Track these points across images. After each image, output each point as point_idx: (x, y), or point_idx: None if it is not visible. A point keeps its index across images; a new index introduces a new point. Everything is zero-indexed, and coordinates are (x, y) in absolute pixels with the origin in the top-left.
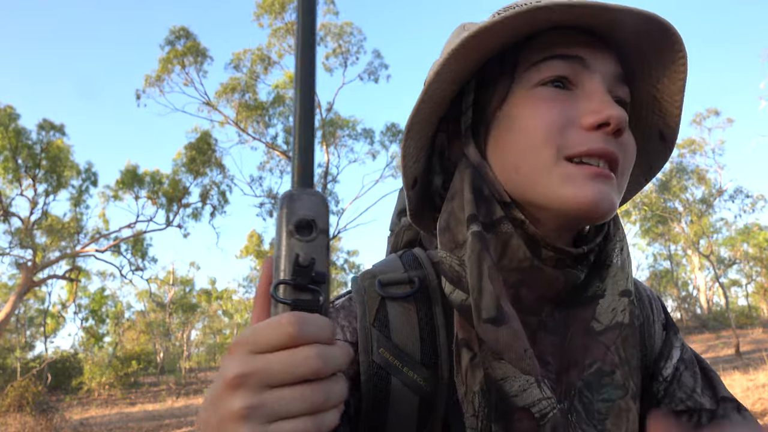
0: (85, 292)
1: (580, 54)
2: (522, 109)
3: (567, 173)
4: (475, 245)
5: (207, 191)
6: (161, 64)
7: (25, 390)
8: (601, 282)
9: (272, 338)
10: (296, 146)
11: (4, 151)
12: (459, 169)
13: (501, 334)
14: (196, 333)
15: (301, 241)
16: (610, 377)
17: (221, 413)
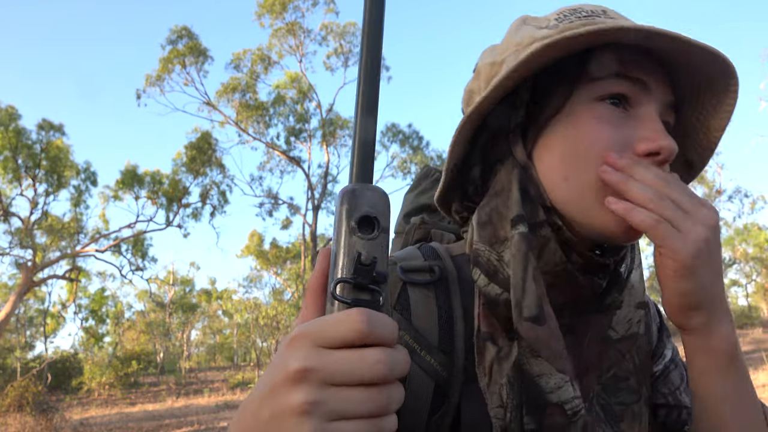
0: (85, 293)
1: (643, 77)
2: (580, 122)
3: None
4: (522, 246)
5: (207, 191)
6: (162, 64)
7: (25, 390)
8: (619, 293)
9: (340, 334)
10: (357, 140)
11: (5, 151)
12: (504, 166)
13: (541, 333)
14: (196, 333)
15: (363, 238)
16: (626, 383)
17: (279, 406)
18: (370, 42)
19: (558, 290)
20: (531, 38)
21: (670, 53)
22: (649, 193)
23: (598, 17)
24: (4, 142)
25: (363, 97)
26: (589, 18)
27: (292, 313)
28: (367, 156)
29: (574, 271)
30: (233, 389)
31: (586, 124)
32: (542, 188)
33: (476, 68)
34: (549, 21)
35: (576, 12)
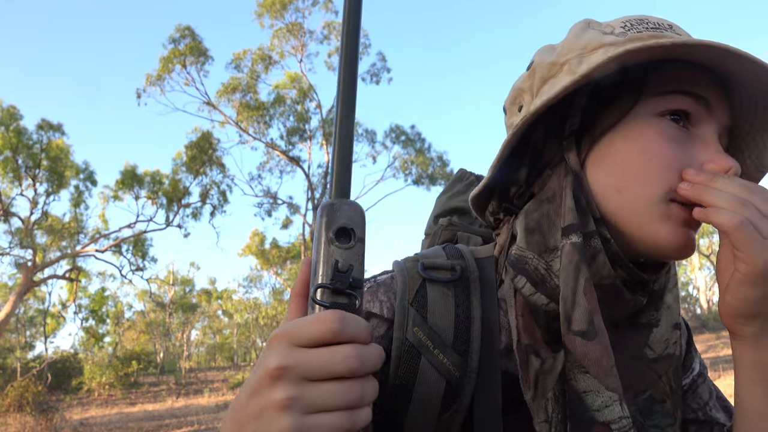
0: (86, 293)
1: (706, 95)
2: (640, 136)
3: (669, 213)
4: (574, 256)
5: (207, 191)
6: (162, 63)
7: (25, 390)
8: (656, 311)
9: (314, 333)
10: (336, 159)
11: (5, 150)
12: (556, 173)
13: (590, 349)
14: (196, 333)
15: (340, 248)
16: (661, 405)
17: (263, 402)
18: (347, 73)
19: (603, 304)
20: (598, 43)
21: (733, 74)
22: (733, 198)
23: (666, 31)
24: (4, 142)
25: (340, 122)
26: (657, 30)
27: None
28: (345, 173)
29: (621, 285)
30: (233, 389)
31: (647, 139)
32: (592, 198)
33: (531, 66)
34: (614, 28)
35: (643, 22)
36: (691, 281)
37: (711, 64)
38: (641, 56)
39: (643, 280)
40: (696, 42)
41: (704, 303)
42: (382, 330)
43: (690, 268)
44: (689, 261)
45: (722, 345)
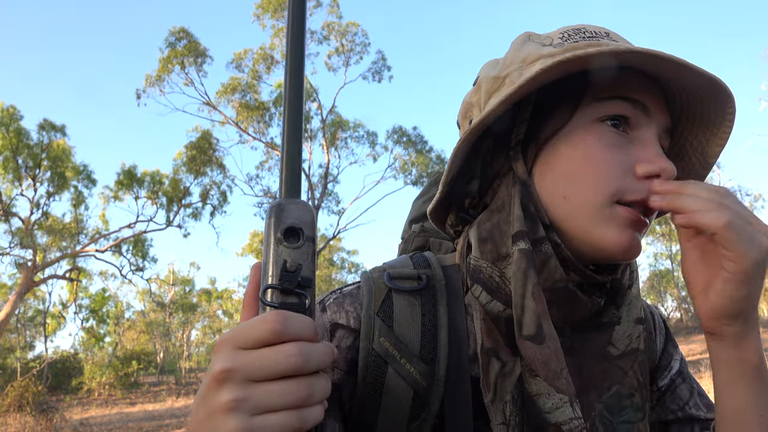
0: (86, 293)
1: (644, 100)
2: (582, 143)
3: (614, 215)
4: (522, 263)
5: (207, 191)
6: (161, 64)
7: (25, 390)
8: (617, 309)
9: (257, 335)
10: (284, 158)
11: (5, 151)
12: (505, 182)
13: (539, 353)
14: (196, 333)
15: (288, 247)
16: (630, 400)
17: (210, 406)
18: (293, 72)
19: (558, 308)
20: (537, 55)
21: (670, 78)
22: (711, 202)
23: (602, 39)
24: (5, 142)
25: (288, 123)
26: (594, 39)
27: None
28: (294, 173)
29: (575, 288)
30: None
31: (588, 146)
32: (541, 205)
33: (477, 81)
34: (553, 39)
35: (579, 32)
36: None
37: (647, 69)
38: (576, 65)
39: (598, 282)
40: (626, 49)
41: None
42: (349, 341)
43: None
44: None
45: None
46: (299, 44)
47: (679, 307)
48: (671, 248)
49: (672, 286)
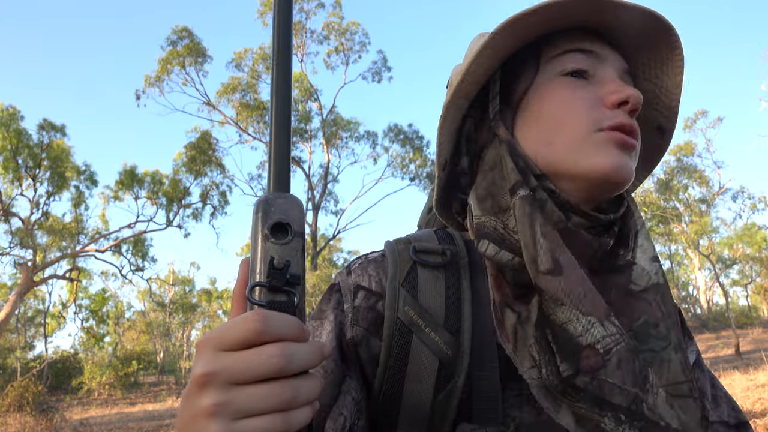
0: (86, 293)
1: (595, 49)
2: (550, 94)
3: (600, 140)
4: (525, 207)
5: (207, 191)
6: (161, 65)
7: (25, 390)
8: (630, 251)
9: (237, 335)
10: (272, 152)
11: (5, 151)
12: (493, 146)
13: (561, 282)
14: (196, 333)
15: (276, 244)
16: (656, 329)
17: (192, 411)
18: (281, 65)
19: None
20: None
21: (614, 26)
22: None
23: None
24: (5, 142)
25: (276, 114)
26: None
27: None
28: (283, 166)
29: (577, 229)
30: None
31: (557, 93)
32: (529, 158)
33: (448, 83)
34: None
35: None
36: (691, 281)
37: (591, 23)
38: (518, 31)
39: (602, 223)
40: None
41: (704, 303)
42: (371, 301)
43: (690, 268)
44: (689, 261)
45: (722, 345)
46: (286, 34)
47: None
48: (671, 248)
49: (672, 286)
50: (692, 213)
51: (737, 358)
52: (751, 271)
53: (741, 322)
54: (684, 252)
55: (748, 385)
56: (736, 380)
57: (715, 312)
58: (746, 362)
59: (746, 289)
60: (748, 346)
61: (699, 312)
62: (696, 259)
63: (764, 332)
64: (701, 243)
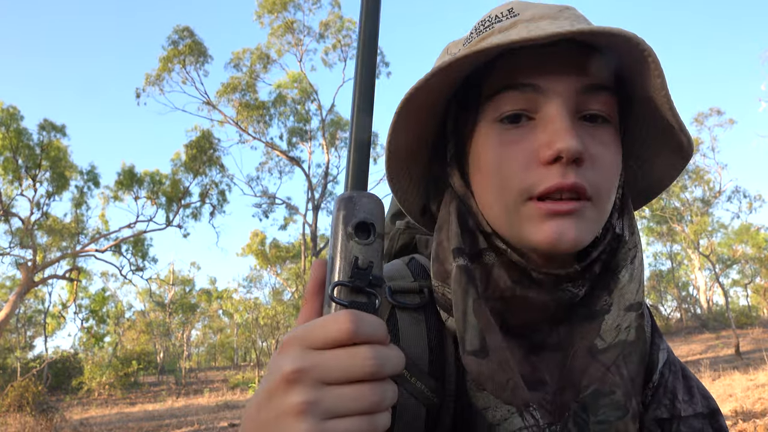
0: (86, 293)
1: (534, 81)
2: (485, 148)
3: (528, 214)
4: (460, 279)
5: (206, 191)
6: (161, 63)
7: (25, 390)
8: (609, 295)
9: (329, 334)
10: (352, 148)
11: (5, 151)
12: (445, 200)
13: (484, 367)
14: (196, 333)
15: (360, 243)
16: (609, 398)
17: (279, 408)
18: (364, 62)
19: (515, 314)
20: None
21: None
22: None
23: (499, 22)
24: (5, 142)
25: (358, 114)
26: (488, 29)
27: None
28: (363, 163)
29: (525, 292)
30: (233, 389)
31: (489, 148)
32: (481, 216)
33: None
34: (460, 45)
35: (481, 25)
36: (691, 281)
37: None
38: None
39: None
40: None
41: (704, 303)
42: None
43: (690, 268)
44: (689, 261)
45: (722, 345)
46: (372, 32)
47: (679, 307)
48: (671, 248)
49: (672, 286)
50: (692, 213)
51: (737, 358)
52: (751, 271)
53: (741, 322)
54: (684, 252)
55: (748, 385)
56: (736, 380)
57: (715, 312)
58: (746, 362)
59: (746, 289)
60: (748, 346)
61: (699, 312)
62: (696, 259)
63: (764, 332)
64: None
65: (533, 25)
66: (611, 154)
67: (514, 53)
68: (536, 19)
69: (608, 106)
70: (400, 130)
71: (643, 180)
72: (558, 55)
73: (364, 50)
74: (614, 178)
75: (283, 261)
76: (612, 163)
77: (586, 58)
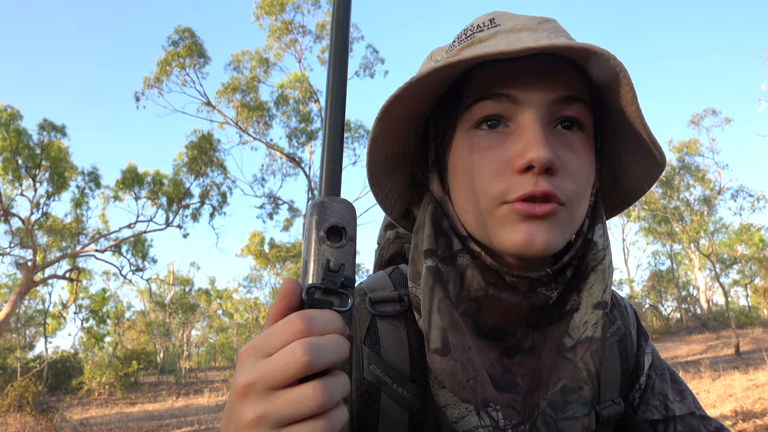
0: (86, 293)
1: (509, 92)
2: (461, 154)
3: (503, 217)
4: (428, 279)
5: (207, 192)
6: (160, 66)
7: (25, 390)
8: (578, 295)
9: (283, 338)
10: (325, 156)
11: (5, 151)
12: (423, 203)
13: (445, 364)
14: (196, 333)
15: (331, 247)
16: (577, 393)
17: (236, 423)
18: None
19: (487, 314)
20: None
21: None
22: None
23: (480, 32)
24: (5, 143)
25: (330, 118)
26: (470, 39)
27: None
28: (335, 171)
29: (499, 293)
30: None
31: (464, 156)
32: (457, 219)
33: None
34: (443, 52)
35: (463, 34)
36: (692, 281)
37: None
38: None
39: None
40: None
41: (704, 303)
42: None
43: (690, 268)
44: (689, 261)
45: (722, 345)
46: (343, 40)
47: (678, 307)
48: (672, 248)
49: (672, 286)
50: (692, 212)
51: (737, 358)
52: (750, 272)
53: (741, 322)
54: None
55: (748, 385)
56: (736, 380)
57: (715, 312)
58: (746, 362)
59: (746, 289)
60: (748, 346)
61: (699, 312)
62: (696, 259)
63: (764, 332)
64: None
65: (513, 36)
66: (583, 162)
67: (491, 63)
68: (516, 30)
69: (582, 115)
70: (382, 136)
71: (618, 190)
72: (534, 66)
73: (335, 58)
74: (587, 185)
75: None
76: (584, 170)
77: (562, 69)
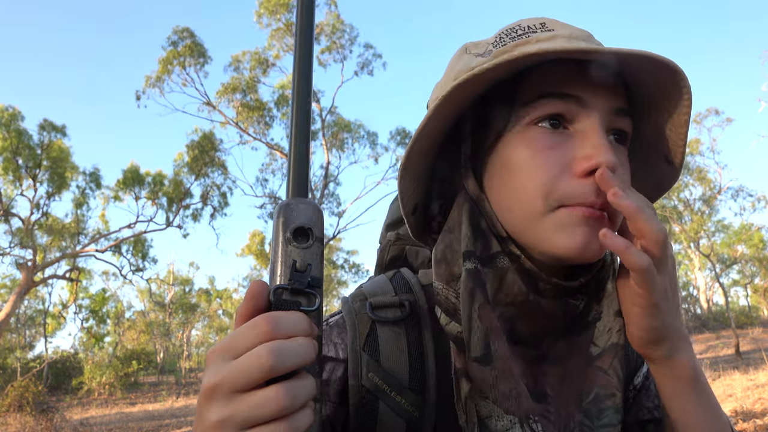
0: (86, 293)
1: (576, 93)
2: (516, 151)
3: (559, 220)
4: (468, 283)
5: (207, 192)
6: (161, 65)
7: (25, 390)
8: (598, 304)
9: (248, 340)
10: (292, 158)
11: (5, 152)
12: (457, 201)
13: (487, 374)
14: (196, 333)
15: (298, 248)
16: (612, 400)
17: (202, 426)
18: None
19: (525, 320)
20: (466, 69)
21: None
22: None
23: (535, 33)
24: (5, 143)
25: (296, 120)
26: (523, 37)
27: None
28: (302, 173)
29: (538, 299)
30: None
31: (520, 153)
32: (496, 219)
33: (428, 105)
34: (487, 46)
35: (512, 32)
36: (691, 281)
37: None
38: (496, 73)
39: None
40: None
41: (704, 303)
42: (339, 372)
43: (690, 268)
44: (689, 261)
45: (722, 345)
46: (307, 43)
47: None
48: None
49: None
50: (692, 212)
51: (737, 358)
52: (750, 272)
53: (741, 322)
54: (684, 252)
55: (748, 385)
56: (736, 380)
57: (715, 312)
58: (746, 362)
59: (746, 289)
60: (748, 346)
61: (699, 312)
62: (696, 259)
63: (764, 332)
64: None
65: (574, 42)
66: (627, 174)
67: (554, 64)
68: (574, 38)
69: (629, 130)
70: (437, 119)
71: None
72: (597, 73)
73: (299, 63)
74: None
75: None
76: (627, 182)
77: (617, 81)
